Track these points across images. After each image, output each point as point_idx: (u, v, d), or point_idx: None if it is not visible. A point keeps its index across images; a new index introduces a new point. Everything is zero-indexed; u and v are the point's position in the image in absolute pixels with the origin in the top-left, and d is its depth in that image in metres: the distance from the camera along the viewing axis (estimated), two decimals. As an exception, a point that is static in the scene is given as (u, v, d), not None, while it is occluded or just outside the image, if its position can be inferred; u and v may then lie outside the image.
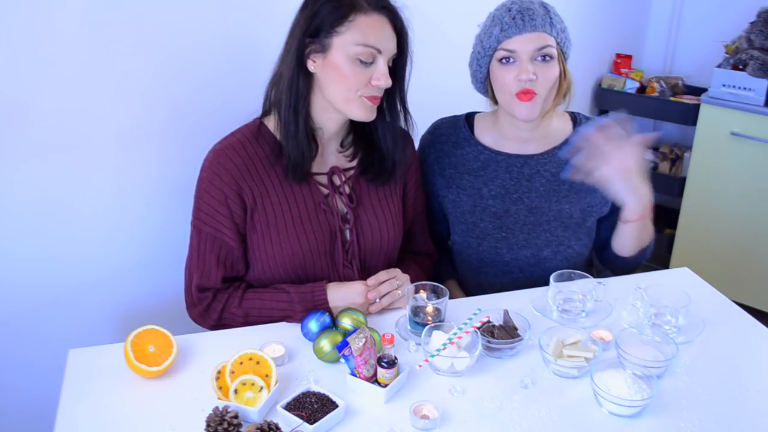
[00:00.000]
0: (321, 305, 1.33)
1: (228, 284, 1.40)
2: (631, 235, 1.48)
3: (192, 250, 1.39)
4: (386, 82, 1.27)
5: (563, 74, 1.46)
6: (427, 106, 1.45)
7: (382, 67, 1.27)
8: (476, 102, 1.62)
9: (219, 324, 1.38)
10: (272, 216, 1.35)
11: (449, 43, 1.94)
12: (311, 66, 1.30)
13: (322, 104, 1.33)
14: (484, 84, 1.51)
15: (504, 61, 1.43)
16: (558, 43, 1.43)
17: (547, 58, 1.41)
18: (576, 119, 1.59)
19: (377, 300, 1.35)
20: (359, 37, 1.25)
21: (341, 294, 1.34)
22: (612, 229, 1.62)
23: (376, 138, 1.40)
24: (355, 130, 1.43)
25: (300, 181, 1.36)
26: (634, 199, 1.38)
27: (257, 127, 1.38)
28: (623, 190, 1.37)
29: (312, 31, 1.27)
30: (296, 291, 1.34)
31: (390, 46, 1.28)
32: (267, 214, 1.35)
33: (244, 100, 1.44)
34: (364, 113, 1.31)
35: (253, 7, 1.74)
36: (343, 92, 1.28)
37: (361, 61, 1.26)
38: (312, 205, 1.38)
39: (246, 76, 1.77)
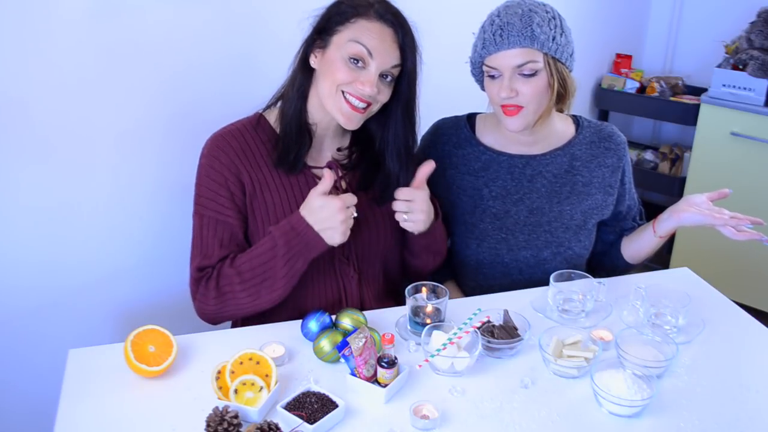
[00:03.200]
0: (299, 227, 1.28)
1: None
2: (656, 247, 1.57)
3: (194, 238, 1.38)
4: (371, 89, 1.27)
5: (556, 82, 1.40)
6: (425, 106, 1.45)
7: (370, 74, 1.27)
8: (475, 102, 1.61)
9: (219, 298, 1.32)
10: (271, 204, 1.36)
11: (447, 42, 1.94)
12: (312, 61, 1.33)
13: (318, 102, 1.34)
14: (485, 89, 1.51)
15: (489, 74, 1.43)
16: (546, 53, 1.37)
17: (531, 72, 1.38)
18: (578, 122, 1.59)
19: (354, 214, 1.31)
20: (355, 34, 1.27)
21: (316, 212, 1.28)
22: (616, 235, 1.64)
23: (385, 160, 1.39)
24: (363, 146, 1.43)
25: (289, 171, 1.37)
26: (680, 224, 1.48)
27: (257, 119, 1.40)
28: (694, 221, 1.45)
29: (320, 28, 1.31)
30: (275, 227, 1.30)
31: (385, 56, 1.28)
32: (266, 202, 1.36)
33: (244, 102, 1.44)
34: (342, 116, 1.30)
35: (254, 10, 1.74)
36: (328, 86, 1.29)
37: (352, 61, 1.27)
38: None
39: (246, 78, 1.77)
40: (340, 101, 1.29)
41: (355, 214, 1.32)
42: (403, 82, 1.34)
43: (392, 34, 1.29)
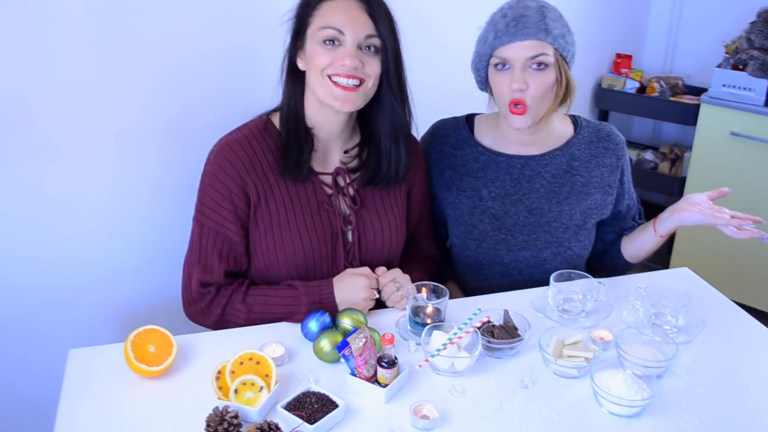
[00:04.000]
0: (327, 300, 1.33)
1: (231, 279, 1.39)
2: (656, 246, 1.57)
3: (193, 245, 1.38)
4: (351, 61, 1.26)
5: (562, 80, 1.42)
6: (424, 107, 1.45)
7: (347, 48, 1.27)
8: (474, 103, 1.61)
9: (220, 321, 1.37)
10: (275, 213, 1.35)
11: (447, 44, 1.95)
12: (300, 64, 1.34)
13: (315, 102, 1.34)
14: (485, 86, 1.51)
15: (498, 67, 1.42)
16: (556, 49, 1.39)
17: (541, 65, 1.39)
18: (577, 122, 1.59)
19: (376, 294, 1.37)
20: (322, 20, 1.28)
21: (344, 288, 1.34)
22: (615, 234, 1.64)
23: (377, 137, 1.39)
24: (363, 134, 1.43)
25: (295, 178, 1.36)
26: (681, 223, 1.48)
27: (264, 123, 1.39)
28: (695, 220, 1.45)
29: (296, 30, 1.33)
30: (303, 285, 1.35)
31: (357, 27, 1.27)
32: (270, 211, 1.35)
33: (244, 102, 1.44)
34: (336, 101, 1.29)
35: (254, 10, 1.74)
36: (314, 76, 1.30)
37: (328, 43, 1.27)
38: (315, 204, 1.38)
39: (246, 77, 1.77)
40: (329, 87, 1.28)
41: (377, 296, 1.37)
42: (383, 53, 1.32)
43: (357, 5, 1.28)
